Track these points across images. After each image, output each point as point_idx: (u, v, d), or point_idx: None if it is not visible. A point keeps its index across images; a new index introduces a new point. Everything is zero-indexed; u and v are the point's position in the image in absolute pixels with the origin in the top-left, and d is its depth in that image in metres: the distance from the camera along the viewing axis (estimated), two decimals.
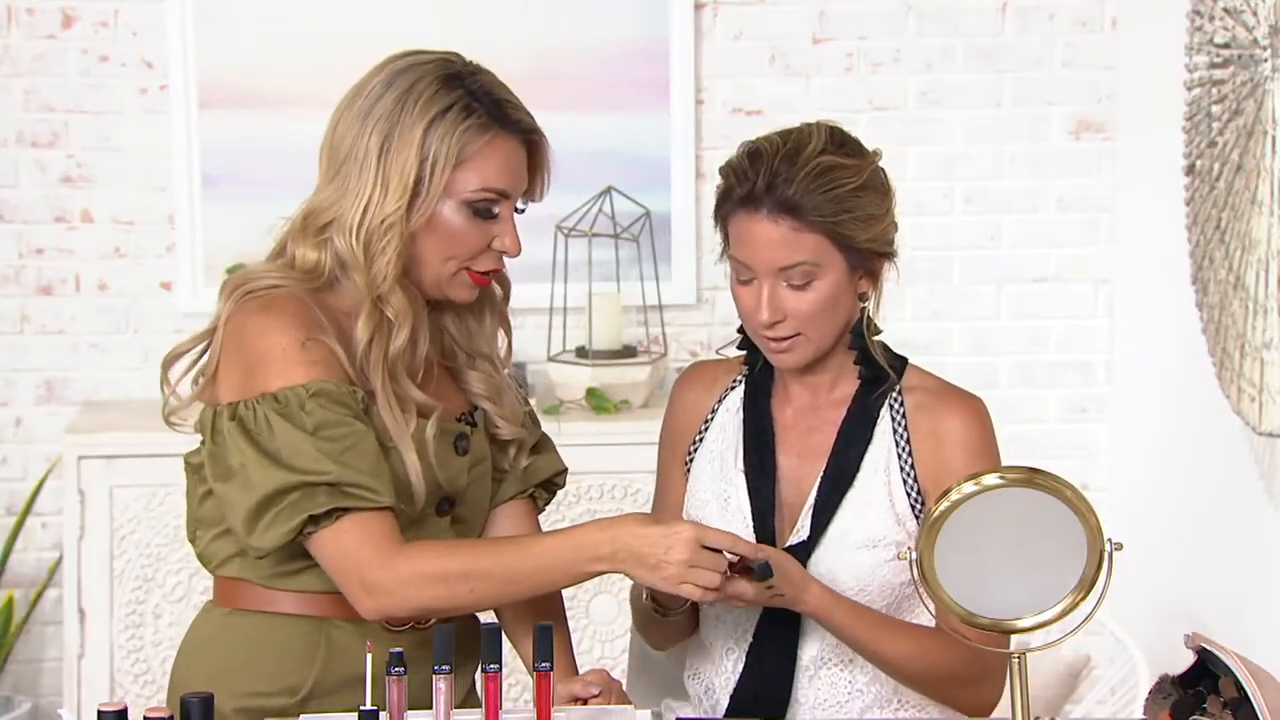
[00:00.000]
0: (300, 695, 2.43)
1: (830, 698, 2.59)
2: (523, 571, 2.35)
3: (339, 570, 2.35)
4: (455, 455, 2.48)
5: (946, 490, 2.21)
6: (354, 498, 2.32)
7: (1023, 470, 2.21)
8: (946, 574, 2.21)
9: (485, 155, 2.41)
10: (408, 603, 2.35)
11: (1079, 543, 2.20)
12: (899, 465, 2.58)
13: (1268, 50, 3.35)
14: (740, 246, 2.53)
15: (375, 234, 2.38)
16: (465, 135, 2.39)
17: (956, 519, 2.20)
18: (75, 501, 4.13)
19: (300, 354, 2.36)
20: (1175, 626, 2.34)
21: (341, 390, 2.35)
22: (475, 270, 2.46)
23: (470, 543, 2.45)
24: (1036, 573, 2.21)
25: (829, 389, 2.63)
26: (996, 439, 2.61)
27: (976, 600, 2.22)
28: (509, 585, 2.36)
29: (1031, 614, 2.23)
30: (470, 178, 2.40)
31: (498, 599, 2.41)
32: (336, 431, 2.33)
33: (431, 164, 2.38)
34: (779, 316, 2.52)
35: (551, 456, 2.65)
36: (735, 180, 2.53)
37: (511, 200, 2.45)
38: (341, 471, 2.32)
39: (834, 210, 2.49)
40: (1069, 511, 2.19)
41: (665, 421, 2.76)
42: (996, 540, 2.20)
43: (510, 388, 2.58)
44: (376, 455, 2.35)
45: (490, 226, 2.44)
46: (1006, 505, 2.20)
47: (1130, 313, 4.49)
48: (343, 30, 4.26)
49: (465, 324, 2.56)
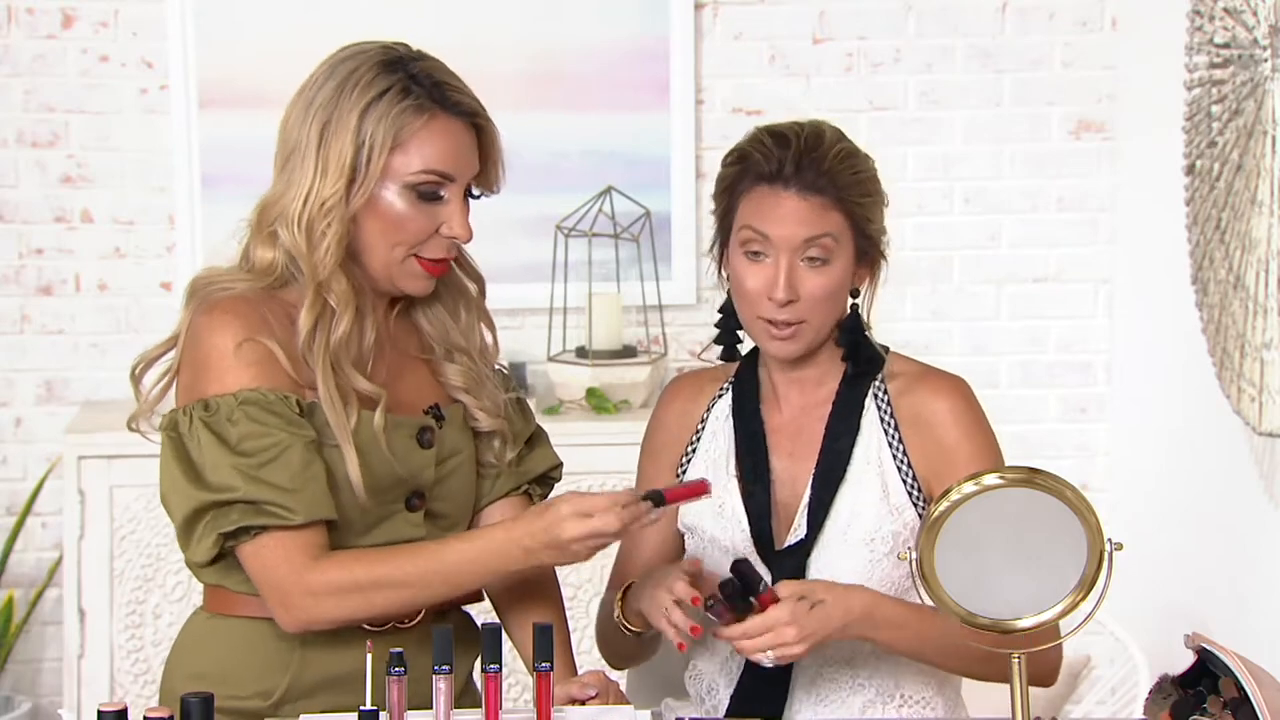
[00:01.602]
0: (273, 699, 2.44)
1: (832, 695, 2.59)
2: (436, 576, 2.37)
3: (259, 585, 2.38)
4: (418, 448, 2.46)
5: (946, 490, 2.21)
6: (266, 515, 2.34)
7: (1023, 470, 2.21)
8: (947, 574, 2.21)
9: (424, 137, 2.39)
10: (324, 615, 2.37)
11: (1079, 543, 2.20)
12: (891, 454, 2.59)
13: (1268, 50, 3.35)
14: (761, 219, 2.53)
15: (315, 220, 2.38)
16: (402, 117, 2.38)
17: (957, 519, 2.20)
18: (75, 501, 4.13)
19: (234, 358, 2.36)
20: (1175, 626, 2.34)
21: (270, 398, 2.36)
22: (424, 257, 2.43)
23: (384, 550, 2.41)
24: (1036, 572, 2.21)
25: (815, 386, 2.64)
26: (985, 414, 2.62)
27: (976, 600, 2.22)
28: (424, 590, 2.38)
29: (1031, 614, 2.23)
30: (410, 160, 2.39)
31: (415, 604, 2.41)
32: (258, 444, 2.34)
33: (369, 147, 2.37)
34: (794, 295, 2.52)
35: (546, 451, 2.64)
36: (760, 158, 2.53)
37: (458, 184, 2.42)
38: (252, 489, 2.33)
39: (859, 192, 2.54)
40: (1069, 511, 2.19)
41: (651, 434, 2.74)
42: (997, 540, 2.20)
43: (490, 380, 2.56)
44: (299, 467, 2.35)
45: (437, 210, 2.42)
46: (1007, 505, 2.20)
47: (1130, 313, 4.49)
48: (343, 30, 4.24)
49: (439, 318, 2.54)
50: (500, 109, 2.55)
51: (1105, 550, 2.21)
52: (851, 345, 2.61)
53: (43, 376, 4.49)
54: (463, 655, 2.52)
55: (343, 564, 2.36)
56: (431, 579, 2.37)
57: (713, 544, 2.62)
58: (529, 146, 4.35)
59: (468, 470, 2.54)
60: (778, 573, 2.55)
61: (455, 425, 2.52)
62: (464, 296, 2.56)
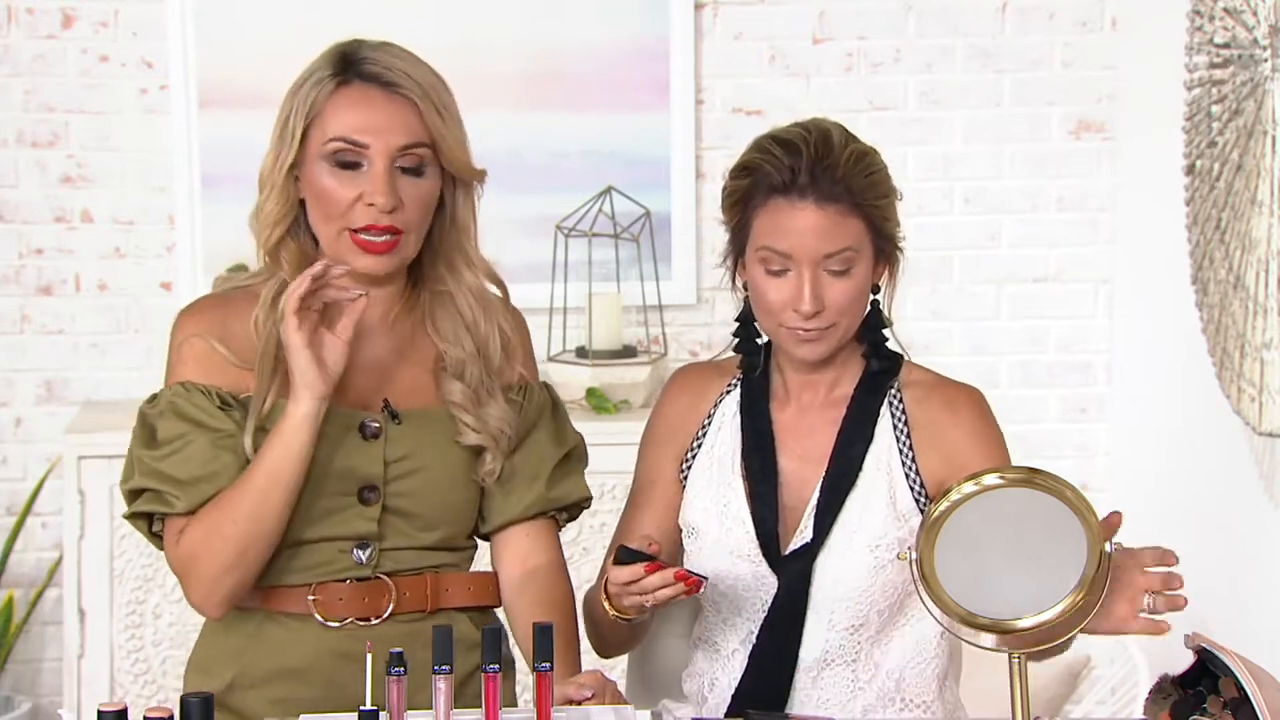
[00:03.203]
0: (226, 683, 2.50)
1: (833, 697, 2.59)
2: (258, 477, 2.40)
3: (172, 570, 2.49)
4: (361, 439, 2.48)
5: (946, 490, 2.21)
6: (161, 502, 2.45)
7: (1023, 470, 2.21)
8: (946, 573, 2.21)
9: (334, 105, 2.45)
10: (200, 567, 2.43)
11: (1079, 543, 2.20)
12: (900, 461, 2.57)
13: (1268, 50, 3.35)
14: (779, 236, 2.49)
15: (260, 193, 2.49)
16: (316, 88, 2.46)
17: (957, 519, 2.19)
18: (75, 501, 4.13)
19: (180, 354, 2.49)
20: (1175, 626, 2.33)
21: (194, 393, 2.45)
22: (353, 230, 2.45)
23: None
24: (1036, 572, 2.21)
25: (830, 388, 2.62)
26: (998, 426, 2.61)
27: (976, 600, 2.22)
28: (259, 495, 2.40)
29: (1031, 614, 2.22)
30: (325, 129, 2.45)
31: (263, 518, 2.42)
32: (167, 436, 2.45)
33: (293, 121, 2.46)
34: (821, 306, 2.50)
35: (579, 481, 2.63)
36: (772, 169, 2.49)
37: (375, 150, 2.44)
38: (147, 479, 2.45)
39: (874, 195, 2.51)
40: (1069, 512, 2.19)
41: (653, 424, 2.72)
42: (997, 540, 2.20)
43: (495, 399, 2.55)
44: (202, 460, 2.43)
45: (358, 179, 2.44)
46: (1006, 505, 2.20)
47: (1130, 313, 4.49)
48: (343, 31, 4.24)
49: (454, 330, 2.55)
50: (500, 109, 2.56)
51: (1105, 550, 2.21)
52: (874, 343, 2.61)
53: (43, 376, 4.49)
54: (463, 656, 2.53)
55: (198, 516, 2.44)
56: (259, 480, 2.40)
57: (716, 545, 2.60)
58: (529, 146, 4.35)
59: (442, 473, 2.53)
60: (782, 576, 2.54)
61: (427, 425, 2.52)
62: (486, 308, 2.57)
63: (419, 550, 2.52)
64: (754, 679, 2.58)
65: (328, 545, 2.48)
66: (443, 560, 2.54)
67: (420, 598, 2.51)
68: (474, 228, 2.56)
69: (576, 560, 4.11)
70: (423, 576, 2.51)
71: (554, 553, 2.61)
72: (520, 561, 2.59)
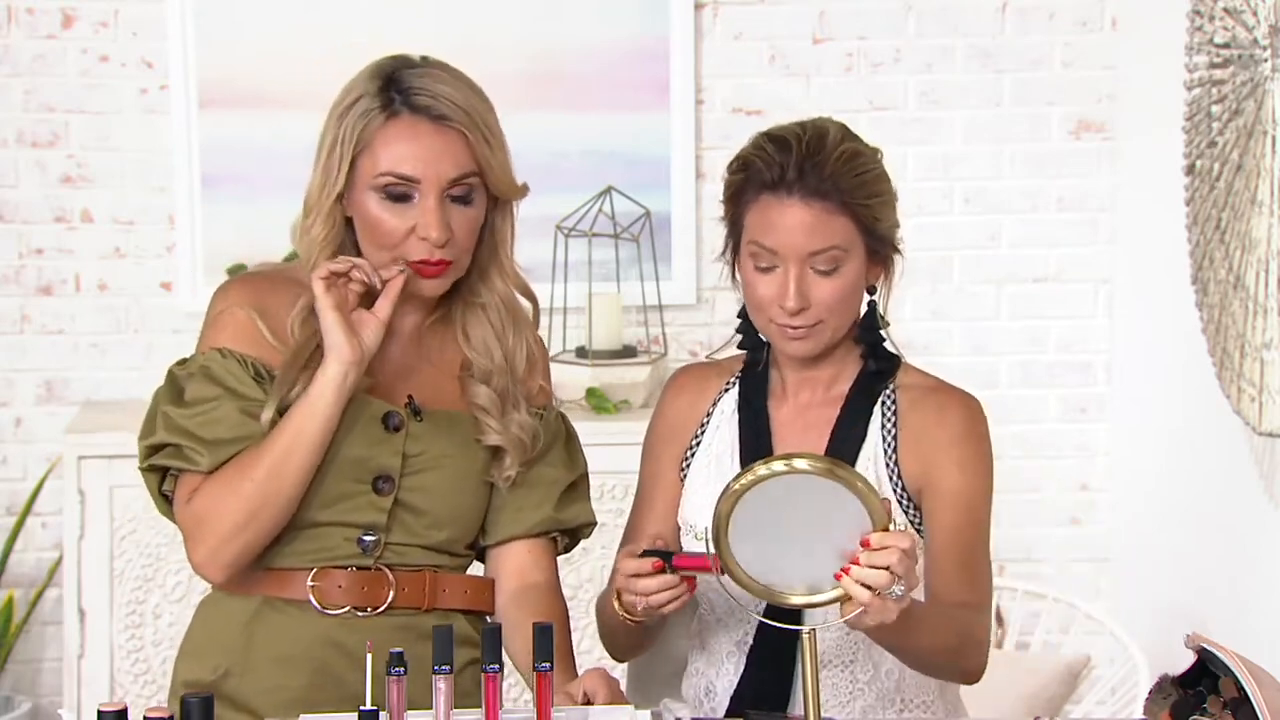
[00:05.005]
0: (221, 671, 2.50)
1: (832, 698, 2.59)
2: (282, 437, 2.42)
3: (179, 528, 2.50)
4: (384, 431, 2.50)
5: (766, 460, 2.28)
6: (181, 458, 2.45)
7: (828, 460, 2.28)
8: (739, 535, 2.28)
9: (384, 139, 2.46)
10: (211, 524, 2.43)
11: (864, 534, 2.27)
12: (885, 461, 2.58)
13: (1268, 50, 3.35)
14: (767, 231, 2.51)
15: (306, 216, 2.51)
16: (364, 119, 2.46)
17: (765, 489, 2.26)
18: (75, 501, 4.13)
19: (217, 322, 2.51)
20: (1175, 626, 2.33)
21: (227, 361, 2.47)
22: (409, 260, 2.48)
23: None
24: (819, 557, 2.28)
25: (827, 385, 2.63)
26: (990, 437, 2.61)
27: (758, 566, 2.30)
28: (280, 454, 2.42)
29: (803, 594, 2.30)
30: (375, 162, 2.46)
31: (282, 477, 2.43)
32: (197, 397, 2.47)
33: (341, 150, 2.46)
34: (806, 303, 2.51)
35: (585, 506, 2.65)
36: (762, 165, 2.51)
37: (426, 185, 2.46)
38: (171, 434, 2.46)
39: (864, 194, 2.51)
40: (864, 509, 2.25)
41: (655, 426, 2.73)
42: (795, 519, 2.27)
43: (518, 410, 2.57)
44: (230, 424, 2.45)
45: (409, 212, 2.46)
46: (811, 490, 2.25)
47: (1130, 313, 4.49)
48: (343, 30, 4.26)
49: (483, 339, 2.57)
50: (500, 109, 2.56)
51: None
52: (871, 344, 2.61)
53: (43, 376, 4.49)
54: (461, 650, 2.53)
55: (218, 474, 2.45)
56: (283, 441, 2.42)
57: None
58: (529, 146, 4.30)
59: (456, 474, 2.54)
60: None
61: (447, 427, 2.54)
62: (516, 320, 2.59)
63: (422, 549, 2.53)
64: (753, 679, 2.58)
65: (335, 530, 2.49)
66: (442, 563, 2.55)
67: (418, 595, 2.51)
68: (511, 240, 2.60)
69: (576, 560, 4.11)
70: (422, 574, 2.52)
71: (550, 573, 2.63)
72: (518, 575, 2.60)
